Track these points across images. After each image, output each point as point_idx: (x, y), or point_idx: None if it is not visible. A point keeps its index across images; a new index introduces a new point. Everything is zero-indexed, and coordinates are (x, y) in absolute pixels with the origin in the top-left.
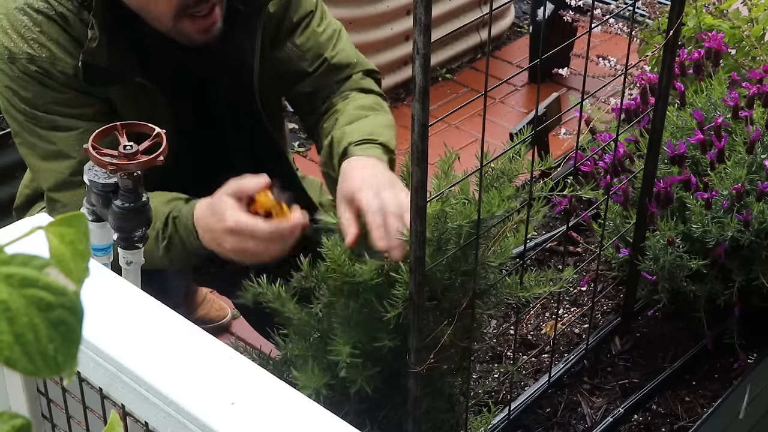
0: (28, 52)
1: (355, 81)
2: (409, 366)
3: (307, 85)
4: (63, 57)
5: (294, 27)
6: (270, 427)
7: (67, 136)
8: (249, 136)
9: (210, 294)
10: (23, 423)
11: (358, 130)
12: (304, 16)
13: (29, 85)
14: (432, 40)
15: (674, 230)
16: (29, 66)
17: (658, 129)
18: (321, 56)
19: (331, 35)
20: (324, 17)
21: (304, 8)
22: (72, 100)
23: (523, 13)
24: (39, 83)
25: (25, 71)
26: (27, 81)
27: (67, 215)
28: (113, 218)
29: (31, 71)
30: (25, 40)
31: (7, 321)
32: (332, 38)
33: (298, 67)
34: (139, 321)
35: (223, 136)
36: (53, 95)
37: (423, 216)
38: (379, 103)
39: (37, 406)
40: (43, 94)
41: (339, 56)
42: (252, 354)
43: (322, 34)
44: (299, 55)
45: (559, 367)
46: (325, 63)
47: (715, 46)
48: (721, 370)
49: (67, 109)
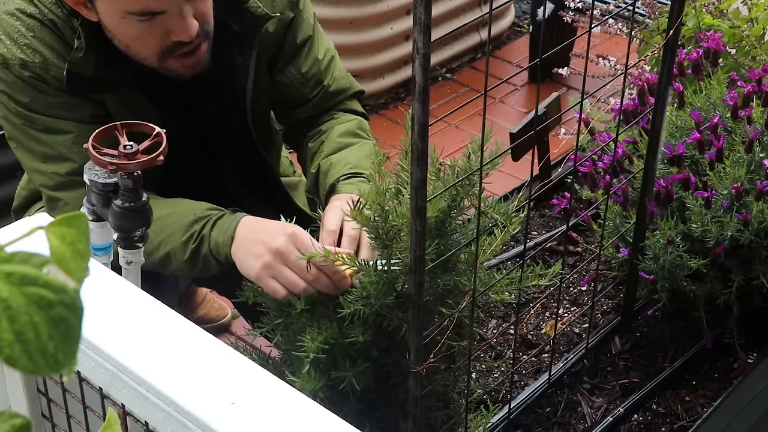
0: (21, 58)
1: (343, 103)
2: (409, 365)
3: (305, 111)
4: (56, 62)
5: (296, 52)
6: (270, 427)
7: (64, 139)
8: (238, 150)
9: (210, 294)
10: (23, 423)
11: (343, 162)
12: (305, 41)
13: (24, 90)
14: (432, 40)
15: (674, 230)
16: (23, 72)
17: (658, 129)
18: (321, 83)
19: (329, 62)
20: (321, 41)
21: (303, 32)
22: (66, 104)
23: (523, 13)
24: (33, 88)
25: (19, 76)
26: (22, 86)
27: (67, 215)
28: (113, 218)
29: (24, 76)
30: (18, 46)
31: (7, 319)
32: (330, 65)
33: (299, 93)
34: (139, 321)
35: (213, 150)
36: (48, 99)
37: (423, 216)
38: (362, 128)
39: (37, 405)
40: (39, 98)
41: (335, 83)
42: (252, 354)
43: (323, 62)
44: (302, 82)
45: (559, 367)
46: (323, 90)
47: (713, 45)
48: (721, 370)
49: (62, 112)
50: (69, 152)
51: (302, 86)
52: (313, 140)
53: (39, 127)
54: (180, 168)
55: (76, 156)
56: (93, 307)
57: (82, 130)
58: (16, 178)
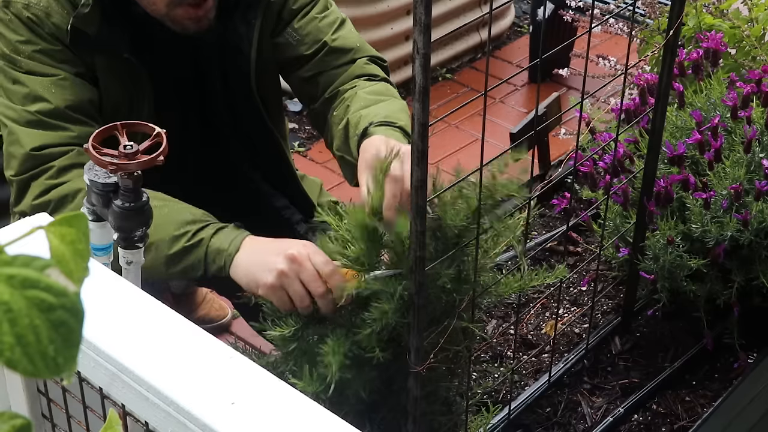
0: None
1: (360, 66)
2: (409, 366)
3: (307, 70)
4: (59, 10)
5: (294, 14)
6: (270, 427)
7: (43, 80)
8: (246, 128)
9: (210, 294)
10: (23, 423)
11: (374, 113)
12: (305, 4)
13: (19, 29)
14: (432, 40)
15: (674, 230)
16: (23, 11)
17: (658, 129)
18: (320, 41)
19: (333, 21)
20: (328, 6)
21: None
22: (58, 53)
23: (523, 13)
24: (29, 30)
25: (18, 15)
26: (18, 25)
27: (67, 215)
28: (113, 218)
29: (24, 16)
30: None
31: (8, 322)
32: (333, 24)
33: (296, 52)
34: (139, 321)
35: (218, 127)
36: (41, 44)
37: (423, 216)
38: (389, 89)
39: (37, 406)
40: (31, 41)
41: (339, 41)
42: (252, 354)
43: (323, 20)
44: (298, 40)
45: (559, 367)
46: (325, 47)
47: (713, 46)
48: (721, 370)
49: (50, 59)
50: (45, 92)
51: (298, 44)
52: (337, 108)
53: (21, 68)
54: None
55: (51, 97)
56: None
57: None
58: None
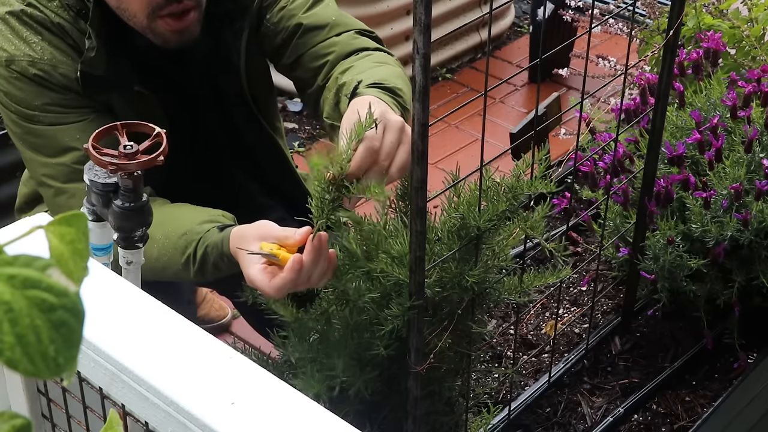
0: (30, 54)
1: (347, 43)
2: (409, 366)
3: (289, 56)
4: (64, 60)
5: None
6: (270, 427)
7: (69, 128)
8: (247, 139)
9: (210, 294)
10: (23, 423)
11: (368, 75)
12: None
13: (26, 86)
14: (432, 40)
15: (674, 230)
16: (29, 68)
17: (658, 129)
18: (293, 24)
19: (305, 2)
20: None
21: None
22: (73, 101)
23: (523, 13)
24: (37, 85)
25: (24, 73)
26: (24, 83)
27: (67, 215)
28: (113, 218)
29: (30, 74)
30: (27, 44)
31: (9, 322)
32: (305, 5)
33: (274, 42)
34: (139, 321)
35: (220, 139)
36: (52, 96)
37: (423, 216)
38: (387, 57)
39: (37, 406)
40: (42, 95)
41: (313, 18)
42: (252, 354)
43: (292, 3)
44: (274, 31)
45: (559, 367)
46: (299, 28)
47: (713, 46)
48: (721, 370)
49: (65, 109)
50: (73, 141)
51: (275, 35)
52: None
53: (42, 123)
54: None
55: (79, 144)
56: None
57: (86, 120)
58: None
